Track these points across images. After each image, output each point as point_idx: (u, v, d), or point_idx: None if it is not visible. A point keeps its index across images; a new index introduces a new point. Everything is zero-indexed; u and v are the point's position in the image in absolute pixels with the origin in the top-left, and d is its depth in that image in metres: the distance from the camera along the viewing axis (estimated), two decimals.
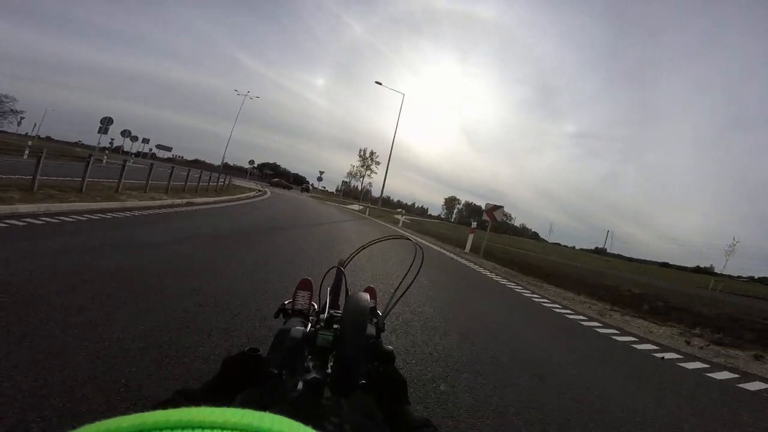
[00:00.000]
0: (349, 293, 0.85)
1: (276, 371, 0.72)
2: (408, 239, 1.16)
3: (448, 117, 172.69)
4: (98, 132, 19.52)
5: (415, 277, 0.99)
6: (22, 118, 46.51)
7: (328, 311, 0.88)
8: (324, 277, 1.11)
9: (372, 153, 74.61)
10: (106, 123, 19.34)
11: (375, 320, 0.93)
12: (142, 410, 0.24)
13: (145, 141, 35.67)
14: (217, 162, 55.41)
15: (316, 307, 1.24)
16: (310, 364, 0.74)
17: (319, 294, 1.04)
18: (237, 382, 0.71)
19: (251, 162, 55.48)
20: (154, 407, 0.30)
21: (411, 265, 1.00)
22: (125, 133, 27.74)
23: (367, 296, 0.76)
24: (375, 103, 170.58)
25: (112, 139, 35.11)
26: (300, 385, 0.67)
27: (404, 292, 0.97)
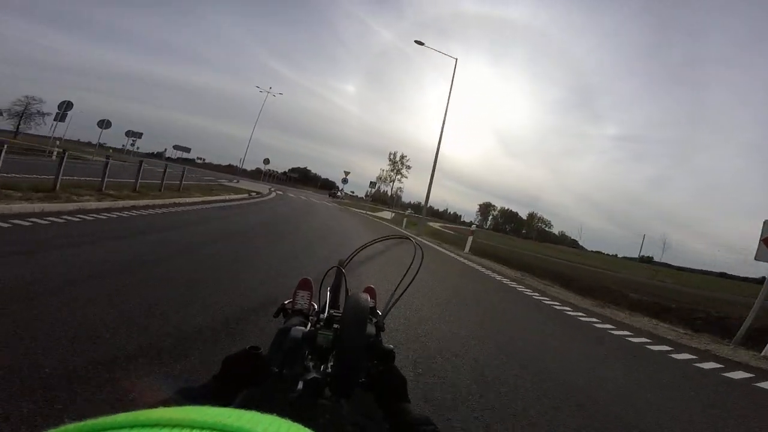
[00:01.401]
0: (349, 293, 0.86)
1: (276, 370, 0.73)
2: (409, 239, 1.15)
3: (481, 121, 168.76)
4: (54, 120, 18.39)
5: (414, 277, 0.99)
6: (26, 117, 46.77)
7: (328, 311, 0.89)
8: (324, 277, 1.11)
9: (403, 156, 72.20)
10: (64, 108, 18.02)
11: (375, 319, 0.94)
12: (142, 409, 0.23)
13: (138, 135, 34.54)
14: (251, 167, 53.89)
15: (316, 306, 1.24)
16: (310, 364, 0.75)
17: (319, 294, 1.05)
18: (238, 381, 0.71)
19: (266, 161, 44.71)
20: (154, 406, 0.30)
21: (411, 264, 1.00)
22: (101, 125, 22.19)
23: (367, 296, 0.77)
24: (405, 108, 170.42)
25: (134, 140, 35.41)
26: (300, 385, 0.68)
27: (404, 292, 0.98)
